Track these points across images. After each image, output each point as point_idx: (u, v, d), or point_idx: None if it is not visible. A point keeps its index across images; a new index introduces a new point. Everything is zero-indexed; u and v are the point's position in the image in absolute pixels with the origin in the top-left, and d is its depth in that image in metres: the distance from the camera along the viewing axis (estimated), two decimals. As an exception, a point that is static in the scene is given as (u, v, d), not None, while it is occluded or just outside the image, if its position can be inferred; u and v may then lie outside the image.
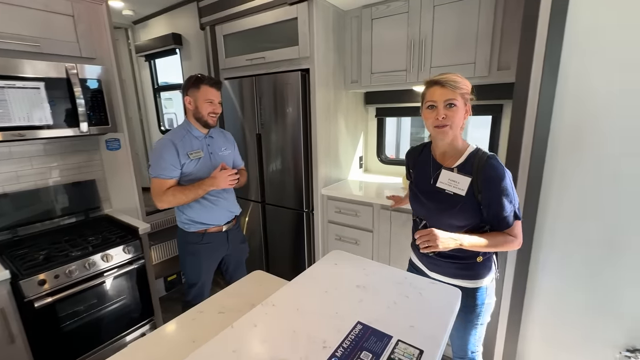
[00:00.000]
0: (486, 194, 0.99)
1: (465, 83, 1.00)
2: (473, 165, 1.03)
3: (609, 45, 1.21)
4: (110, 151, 2.08)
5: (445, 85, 0.99)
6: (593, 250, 1.38)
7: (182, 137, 1.54)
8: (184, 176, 1.53)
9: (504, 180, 0.99)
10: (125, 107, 2.09)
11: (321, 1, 1.91)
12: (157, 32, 3.01)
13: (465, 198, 1.02)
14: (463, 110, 1.01)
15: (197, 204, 1.59)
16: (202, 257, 1.66)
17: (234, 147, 1.76)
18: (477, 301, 1.12)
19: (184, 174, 1.53)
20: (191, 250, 1.65)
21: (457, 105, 0.99)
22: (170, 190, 1.48)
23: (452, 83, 0.98)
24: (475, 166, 1.02)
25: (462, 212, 1.04)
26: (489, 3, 1.62)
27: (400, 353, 0.65)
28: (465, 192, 1.02)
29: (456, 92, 0.98)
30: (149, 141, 3.55)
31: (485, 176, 0.99)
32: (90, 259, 1.58)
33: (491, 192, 0.99)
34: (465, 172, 1.04)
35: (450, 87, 0.98)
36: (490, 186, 0.99)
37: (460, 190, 1.03)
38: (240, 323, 0.76)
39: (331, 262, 1.03)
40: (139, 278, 1.80)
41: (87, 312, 1.61)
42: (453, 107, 0.99)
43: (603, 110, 1.26)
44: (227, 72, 2.42)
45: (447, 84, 0.98)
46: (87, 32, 1.75)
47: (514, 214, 1.02)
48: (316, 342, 0.67)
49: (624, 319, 1.36)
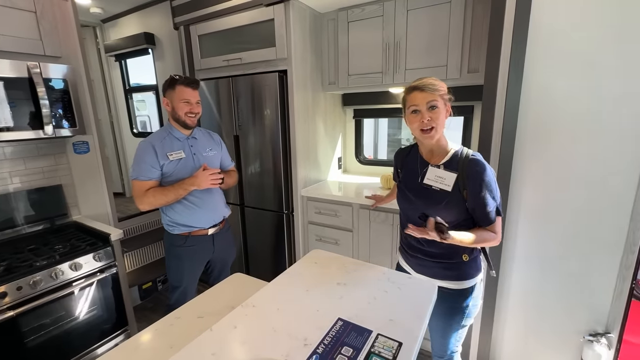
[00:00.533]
0: (470, 189, 1.03)
1: (441, 85, 1.05)
2: (458, 162, 1.07)
3: (568, 48, 1.30)
4: (78, 154, 1.98)
5: (424, 89, 1.03)
6: (555, 245, 1.47)
7: (162, 138, 1.52)
8: (165, 177, 1.51)
9: (486, 176, 1.03)
10: (94, 108, 2.00)
11: (297, 3, 1.93)
12: (128, 31, 2.90)
13: (451, 194, 1.06)
14: (444, 111, 1.05)
15: (179, 205, 1.55)
16: (185, 261, 1.62)
17: (220, 148, 1.73)
18: (463, 303, 1.14)
19: (165, 175, 1.51)
20: (175, 252, 1.62)
21: (439, 106, 1.03)
22: (150, 191, 1.46)
23: (430, 86, 1.03)
24: (461, 163, 1.06)
25: (448, 208, 1.07)
26: (458, 10, 1.69)
27: (380, 346, 0.66)
28: (451, 188, 1.06)
29: (435, 94, 1.03)
30: (121, 144, 3.41)
31: (469, 172, 1.03)
32: (57, 268, 1.49)
33: (475, 188, 1.03)
34: (451, 168, 1.08)
35: (430, 91, 1.03)
36: (474, 182, 1.03)
37: (447, 186, 1.07)
38: (219, 325, 0.74)
39: (311, 261, 1.04)
40: (111, 287, 1.72)
41: (54, 325, 1.52)
42: (435, 109, 1.03)
43: (562, 112, 1.36)
44: (203, 72, 2.37)
45: (426, 87, 1.03)
46: (51, 29, 1.66)
47: (496, 209, 1.06)
48: (297, 339, 0.68)
49: (586, 307, 1.46)
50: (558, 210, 1.44)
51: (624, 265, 1.35)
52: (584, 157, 1.35)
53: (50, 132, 1.60)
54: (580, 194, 1.38)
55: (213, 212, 1.64)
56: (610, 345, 1.41)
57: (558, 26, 1.30)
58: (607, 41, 1.23)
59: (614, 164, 1.30)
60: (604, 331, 1.44)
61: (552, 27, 1.31)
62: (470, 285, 1.13)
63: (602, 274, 1.40)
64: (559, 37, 1.31)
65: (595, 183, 1.35)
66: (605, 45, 1.24)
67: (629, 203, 1.30)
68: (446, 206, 1.07)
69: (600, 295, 1.42)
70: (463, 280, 1.12)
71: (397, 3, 1.85)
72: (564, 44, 1.31)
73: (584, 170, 1.36)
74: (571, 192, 1.40)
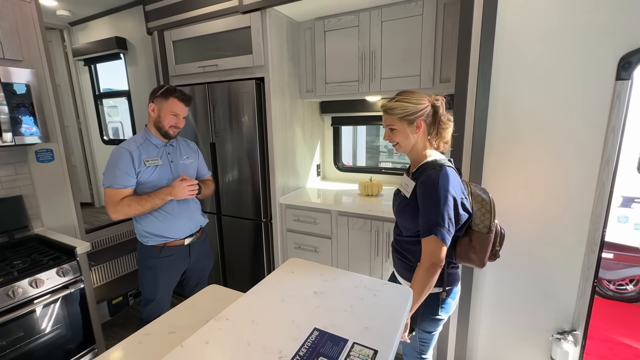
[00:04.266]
0: (418, 198, 1.08)
1: (404, 106, 1.08)
2: (421, 172, 1.11)
3: (530, 61, 1.38)
4: (41, 163, 1.87)
5: (385, 112, 1.12)
6: (523, 247, 1.53)
7: (139, 144, 1.48)
8: (141, 185, 1.46)
9: (432, 190, 1.04)
10: (59, 114, 1.90)
11: (274, 12, 1.93)
12: (98, 35, 2.80)
13: (408, 200, 1.13)
14: (407, 130, 1.10)
15: (154, 215, 1.50)
16: (160, 272, 1.56)
17: (197, 156, 1.70)
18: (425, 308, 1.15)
19: (141, 183, 1.46)
20: (148, 264, 1.56)
21: (396, 127, 1.11)
22: (125, 199, 1.41)
23: (389, 110, 1.10)
24: (421, 174, 1.10)
25: (405, 213, 1.14)
26: (429, 22, 1.76)
27: (356, 355, 0.66)
28: (409, 195, 1.12)
29: (393, 117, 1.10)
30: (90, 152, 3.25)
31: (420, 182, 1.08)
32: (14, 285, 1.39)
33: (420, 197, 1.07)
34: (414, 177, 1.13)
35: (388, 114, 1.11)
36: (420, 192, 1.08)
37: (407, 192, 1.14)
38: (190, 341, 0.71)
39: (288, 270, 1.03)
40: (77, 303, 1.62)
41: (11, 347, 1.41)
42: (394, 130, 1.13)
43: (526, 120, 1.43)
44: (178, 79, 2.32)
45: (387, 110, 1.11)
46: (12, 31, 1.58)
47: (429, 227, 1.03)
48: (272, 352, 0.66)
49: (553, 307, 1.52)
50: (524, 213, 1.51)
51: (586, 266, 1.42)
52: (546, 163, 1.43)
53: (10, 139, 1.50)
54: (543, 198, 1.46)
55: (189, 221, 1.60)
56: (576, 342, 1.48)
57: (521, 37, 1.38)
58: (566, 49, 1.32)
59: (574, 169, 1.38)
60: (571, 329, 1.50)
61: (516, 40, 1.39)
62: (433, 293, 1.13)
63: (566, 274, 1.47)
64: (521, 48, 1.39)
65: (557, 187, 1.43)
66: (564, 53, 1.32)
67: (588, 206, 1.38)
68: (403, 210, 1.14)
69: (565, 294, 1.49)
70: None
71: (372, 14, 1.90)
72: (526, 57, 1.39)
73: (546, 175, 1.44)
74: (536, 196, 1.47)
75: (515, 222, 1.52)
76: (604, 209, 1.35)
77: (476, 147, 1.49)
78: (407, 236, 1.17)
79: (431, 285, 1.07)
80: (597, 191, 1.35)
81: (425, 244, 1.06)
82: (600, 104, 1.30)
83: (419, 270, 1.07)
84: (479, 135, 1.48)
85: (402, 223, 1.19)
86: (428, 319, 1.18)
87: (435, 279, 1.06)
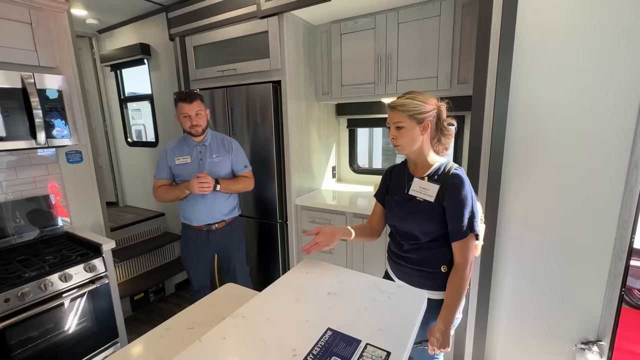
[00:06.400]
0: (448, 201, 1.05)
1: (415, 104, 1.06)
2: (441, 175, 1.09)
3: (553, 59, 1.34)
4: (70, 164, 1.98)
5: (395, 108, 1.08)
6: (546, 253, 1.48)
7: (175, 145, 1.80)
8: (176, 177, 1.80)
9: (464, 190, 1.04)
10: (87, 118, 2.01)
11: (291, 16, 1.97)
12: (124, 41, 2.93)
13: (433, 204, 1.08)
14: (415, 129, 1.07)
15: (183, 202, 1.82)
16: (185, 245, 1.91)
17: (230, 154, 1.83)
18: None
19: (175, 175, 1.79)
20: (182, 236, 1.93)
21: (405, 126, 1.07)
22: (161, 187, 1.79)
23: (400, 106, 1.06)
24: (443, 176, 1.09)
25: (429, 218, 1.09)
26: (447, 23, 1.74)
27: (369, 356, 0.66)
28: (434, 199, 1.08)
29: (403, 114, 1.06)
30: (115, 153, 3.40)
31: (449, 184, 1.06)
32: (46, 279, 1.47)
33: (452, 200, 1.05)
34: (434, 180, 1.10)
35: (398, 111, 1.07)
36: (452, 194, 1.05)
37: (430, 197, 1.09)
38: (208, 337, 0.74)
39: (302, 270, 1.04)
40: (102, 298, 1.70)
41: (42, 337, 1.49)
42: (401, 128, 1.08)
43: (549, 122, 1.39)
44: (198, 83, 2.40)
45: (396, 107, 1.07)
46: (46, 40, 1.68)
47: (470, 226, 1.04)
48: (286, 350, 0.67)
49: (577, 315, 1.46)
50: (547, 219, 1.46)
51: (612, 273, 1.36)
52: (571, 166, 1.38)
53: (43, 141, 1.60)
54: (568, 203, 1.41)
55: (205, 213, 1.80)
56: (602, 354, 1.42)
57: (543, 38, 1.35)
58: (592, 51, 1.27)
59: (600, 173, 1.33)
60: (596, 339, 1.44)
61: (538, 38, 1.36)
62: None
63: (591, 281, 1.41)
64: (544, 49, 1.35)
65: (582, 192, 1.37)
66: (590, 55, 1.28)
67: (615, 211, 1.32)
68: (428, 215, 1.09)
69: (590, 303, 1.43)
70: (442, 291, 1.11)
71: (389, 16, 1.90)
72: (549, 56, 1.35)
73: (571, 179, 1.39)
74: (559, 201, 1.42)
75: (537, 228, 1.48)
76: (632, 214, 1.29)
77: (494, 151, 1.45)
78: (427, 242, 1.13)
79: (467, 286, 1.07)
80: (624, 195, 1.30)
81: (463, 244, 1.05)
82: (628, 106, 1.24)
83: (460, 274, 1.05)
84: (497, 139, 1.45)
85: (424, 229, 1.12)
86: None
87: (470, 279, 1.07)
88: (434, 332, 1.07)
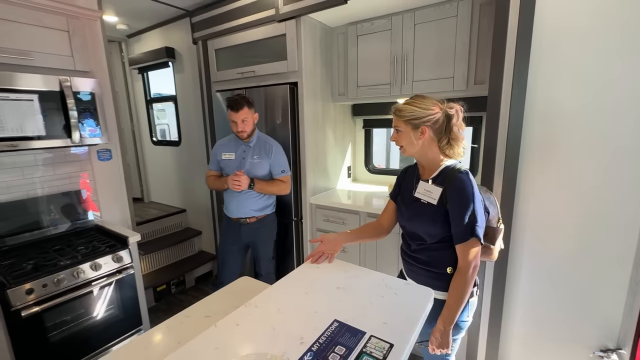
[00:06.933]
0: (451, 204, 1.06)
1: (411, 109, 1.08)
2: (444, 177, 1.10)
3: (572, 60, 1.32)
4: (101, 161, 2.11)
5: (394, 113, 1.13)
6: (563, 257, 1.45)
7: (226, 142, 2.04)
8: (222, 170, 2.04)
9: (468, 194, 1.04)
10: (117, 118, 2.14)
11: (309, 19, 2.01)
12: (150, 45, 3.08)
13: (436, 207, 1.10)
14: (411, 134, 1.10)
15: (224, 195, 2.06)
16: (222, 234, 2.16)
17: (269, 158, 1.97)
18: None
19: (222, 169, 2.03)
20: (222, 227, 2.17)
21: (402, 130, 1.12)
22: (210, 177, 2.07)
23: (397, 112, 1.12)
24: (447, 179, 1.09)
25: (433, 221, 1.11)
26: (464, 23, 1.73)
27: (372, 347, 0.69)
28: (436, 202, 1.09)
29: (400, 119, 1.11)
30: (141, 152, 3.57)
31: (452, 187, 1.06)
32: (79, 267, 1.59)
33: (454, 203, 1.06)
34: (438, 183, 1.11)
35: (396, 116, 1.13)
36: (454, 197, 1.06)
37: (433, 199, 1.11)
38: (223, 323, 0.79)
39: (314, 265, 1.08)
40: (128, 287, 1.81)
41: (74, 321, 1.61)
42: (399, 132, 1.14)
43: (568, 124, 1.36)
44: (219, 84, 2.49)
45: (395, 112, 1.13)
46: (81, 46, 1.80)
47: (471, 229, 1.04)
48: (294, 338, 0.72)
49: (596, 322, 1.42)
50: (565, 222, 1.43)
51: (634, 280, 1.32)
52: (591, 169, 1.34)
53: (78, 140, 1.72)
54: (587, 206, 1.37)
55: (237, 208, 2.00)
56: (622, 362, 1.38)
57: (562, 37, 1.32)
58: (613, 51, 1.24)
59: (622, 176, 1.29)
60: (615, 347, 1.40)
61: (557, 38, 1.33)
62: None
63: (611, 288, 1.37)
64: (563, 49, 1.33)
65: (602, 196, 1.33)
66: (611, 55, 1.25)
67: (637, 216, 1.28)
68: (432, 217, 1.10)
69: (610, 310, 1.39)
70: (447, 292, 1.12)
71: (405, 17, 1.91)
72: (569, 56, 1.32)
73: (590, 181, 1.35)
74: (578, 204, 1.39)
75: (554, 232, 1.45)
76: (656, 219, 1.24)
77: (510, 152, 1.44)
78: (432, 243, 1.14)
79: (471, 289, 1.08)
80: (648, 200, 1.25)
81: (465, 248, 1.05)
82: (652, 106, 1.20)
83: (462, 277, 1.06)
84: (513, 140, 1.43)
85: (429, 231, 1.14)
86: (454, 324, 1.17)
87: (473, 282, 1.08)
88: (434, 331, 1.08)
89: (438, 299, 1.13)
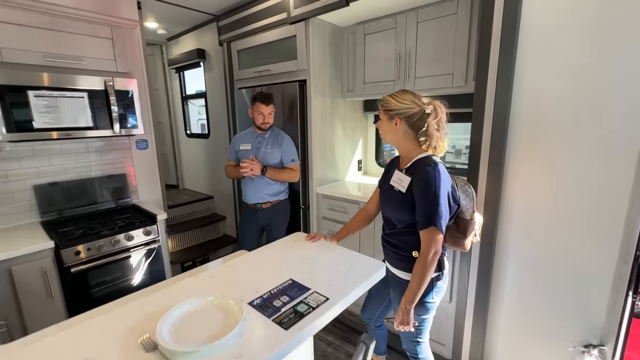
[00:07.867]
0: (416, 193, 1.16)
1: (388, 100, 1.22)
2: (416, 168, 1.20)
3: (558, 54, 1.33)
4: (139, 150, 2.46)
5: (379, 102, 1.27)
6: (548, 254, 1.47)
7: (243, 134, 2.28)
8: (239, 161, 2.20)
9: (430, 186, 1.12)
10: (153, 113, 2.46)
11: (318, 20, 2.16)
12: (185, 47, 3.42)
13: (404, 195, 1.20)
14: (387, 123, 1.23)
15: (242, 183, 2.29)
16: (241, 220, 2.41)
17: (280, 148, 2.18)
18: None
19: (239, 159, 2.21)
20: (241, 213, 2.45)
21: (381, 118, 1.26)
22: (229, 167, 2.29)
23: (380, 102, 1.26)
24: (417, 170, 1.19)
25: (401, 208, 1.21)
26: (463, 21, 1.76)
27: (312, 299, 0.85)
28: (405, 190, 1.20)
29: (381, 109, 1.24)
30: (177, 143, 3.98)
31: (418, 178, 1.16)
32: (116, 237, 1.92)
33: (418, 192, 1.15)
34: (409, 173, 1.21)
35: (379, 105, 1.26)
36: (418, 187, 1.15)
37: (403, 188, 1.21)
38: (203, 275, 1.00)
39: (292, 240, 1.25)
40: (155, 258, 2.12)
41: (112, 282, 1.95)
42: (379, 120, 1.27)
43: (552, 119, 1.37)
44: (240, 82, 2.73)
45: (379, 102, 1.26)
46: (123, 51, 2.13)
47: (431, 218, 1.11)
48: (252, 288, 0.90)
49: (579, 318, 1.43)
50: (550, 218, 1.44)
51: (617, 276, 1.31)
52: (576, 165, 1.35)
53: (118, 131, 2.05)
54: (573, 201, 1.38)
55: (253, 193, 2.22)
56: (603, 358, 1.37)
57: (549, 34, 1.33)
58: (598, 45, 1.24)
59: (607, 171, 1.29)
60: (598, 343, 1.39)
61: (544, 32, 1.34)
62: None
63: (595, 284, 1.37)
64: (548, 44, 1.34)
65: (588, 191, 1.34)
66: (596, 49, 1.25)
67: (622, 210, 1.27)
68: (400, 205, 1.21)
69: (594, 306, 1.39)
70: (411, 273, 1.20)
71: (408, 16, 1.98)
72: (554, 50, 1.33)
73: (576, 177, 1.36)
74: (563, 200, 1.40)
75: (539, 227, 1.47)
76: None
77: (494, 147, 1.48)
78: (401, 228, 1.25)
79: (432, 273, 1.17)
80: (632, 193, 1.24)
81: (426, 235, 1.14)
82: (638, 101, 1.19)
83: (422, 261, 1.14)
84: (497, 136, 1.47)
85: (397, 217, 1.24)
86: (421, 304, 1.27)
87: (434, 267, 1.16)
88: (397, 310, 1.20)
89: (404, 280, 1.25)
